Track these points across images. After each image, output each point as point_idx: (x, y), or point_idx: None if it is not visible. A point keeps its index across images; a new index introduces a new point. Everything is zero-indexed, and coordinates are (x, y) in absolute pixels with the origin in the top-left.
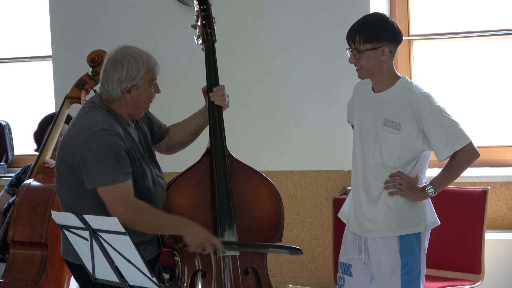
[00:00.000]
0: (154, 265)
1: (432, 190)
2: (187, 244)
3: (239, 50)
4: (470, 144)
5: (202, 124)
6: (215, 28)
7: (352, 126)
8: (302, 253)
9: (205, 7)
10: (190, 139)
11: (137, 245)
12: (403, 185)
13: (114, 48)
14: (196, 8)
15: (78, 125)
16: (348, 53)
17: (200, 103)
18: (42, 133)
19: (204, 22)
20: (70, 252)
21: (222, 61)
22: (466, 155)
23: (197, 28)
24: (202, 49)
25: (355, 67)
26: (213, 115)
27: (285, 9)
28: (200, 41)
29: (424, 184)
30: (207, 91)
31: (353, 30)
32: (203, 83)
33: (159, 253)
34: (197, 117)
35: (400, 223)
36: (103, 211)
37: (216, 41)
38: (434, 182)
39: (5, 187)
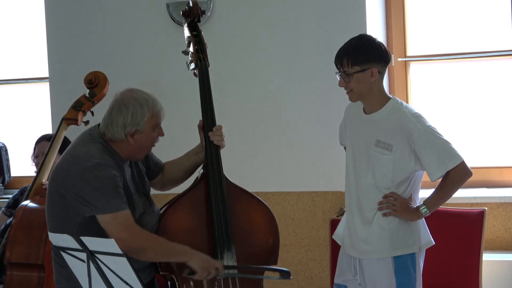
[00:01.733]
0: None
1: (425, 210)
2: (194, 270)
3: (234, 73)
4: (463, 163)
5: (196, 163)
6: (207, 53)
7: (345, 148)
8: (290, 277)
9: (196, 33)
10: (183, 178)
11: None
12: (397, 205)
13: (120, 91)
14: (187, 34)
15: (73, 157)
16: (338, 77)
17: (195, 122)
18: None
19: (196, 47)
20: (59, 281)
21: (217, 85)
22: (459, 174)
23: (189, 53)
24: (195, 74)
25: (346, 91)
26: (211, 154)
27: (280, 31)
28: (192, 66)
29: (418, 204)
30: (203, 127)
31: (340, 53)
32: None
33: (153, 278)
34: (190, 156)
35: (395, 243)
36: None
37: (209, 65)
38: (427, 202)
39: (2, 208)
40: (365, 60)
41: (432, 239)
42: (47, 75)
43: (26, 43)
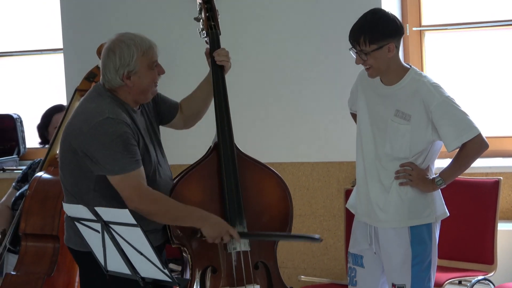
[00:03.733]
0: (160, 252)
1: (441, 181)
2: (204, 235)
3: (247, 42)
4: (479, 136)
5: (211, 92)
6: (219, 20)
7: (352, 115)
8: (320, 240)
9: None
10: (202, 109)
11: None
12: (413, 175)
13: (111, 38)
14: (199, 0)
15: (84, 114)
16: (352, 54)
17: None
18: (46, 126)
19: (207, 14)
20: (72, 239)
21: (229, 54)
22: (475, 146)
23: (201, 21)
24: (206, 42)
25: (364, 67)
26: (217, 76)
27: (298, 4)
28: (204, 34)
29: (433, 175)
30: (210, 53)
31: (355, 31)
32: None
33: (164, 242)
34: (204, 85)
35: (411, 213)
36: (103, 197)
37: (220, 33)
38: (443, 173)
39: (13, 183)
40: (382, 37)
41: (447, 210)
42: (61, 46)
43: (40, 14)
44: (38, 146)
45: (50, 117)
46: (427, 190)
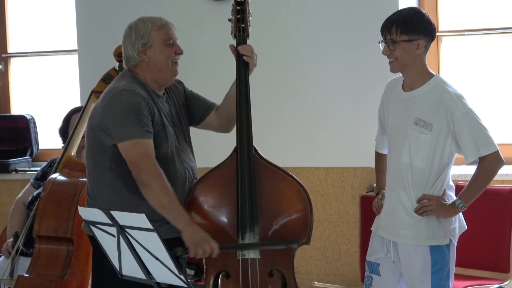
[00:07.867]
0: (173, 247)
1: (462, 204)
2: (187, 245)
3: (269, 46)
4: (497, 153)
5: None
6: (250, 24)
7: (379, 121)
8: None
9: (239, 1)
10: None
11: (153, 222)
12: (432, 205)
13: None
14: (233, 2)
15: (106, 92)
16: (381, 46)
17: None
18: (66, 128)
19: (238, 16)
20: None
21: None
22: (492, 163)
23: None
24: None
25: (389, 60)
26: (239, 72)
27: (315, 7)
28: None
29: (451, 196)
30: (236, 46)
31: (389, 21)
32: (234, 78)
33: (177, 237)
34: (235, 85)
35: (431, 233)
36: (118, 176)
37: (248, 36)
38: (462, 196)
39: (31, 180)
40: (414, 31)
41: (465, 224)
42: (76, 47)
43: (55, 15)
44: (51, 147)
45: (69, 118)
46: (450, 216)
